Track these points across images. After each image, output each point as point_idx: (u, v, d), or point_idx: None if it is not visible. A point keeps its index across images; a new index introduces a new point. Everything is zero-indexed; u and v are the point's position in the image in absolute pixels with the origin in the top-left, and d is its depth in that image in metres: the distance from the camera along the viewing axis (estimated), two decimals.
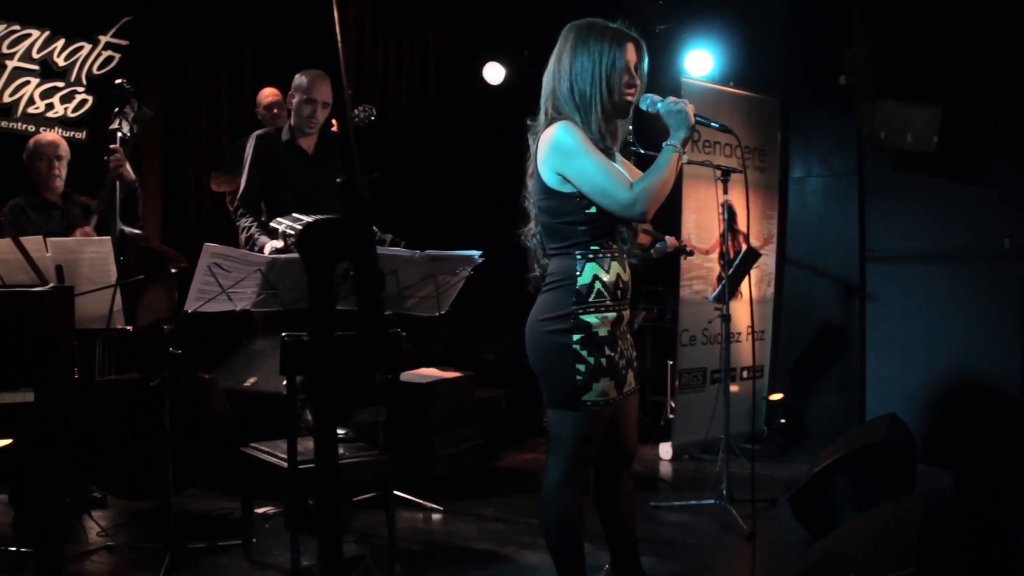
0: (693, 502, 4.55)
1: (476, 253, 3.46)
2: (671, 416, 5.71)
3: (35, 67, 5.08)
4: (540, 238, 2.85)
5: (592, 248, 2.68)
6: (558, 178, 2.65)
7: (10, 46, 5.00)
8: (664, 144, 2.70)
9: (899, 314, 5.61)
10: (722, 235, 5.65)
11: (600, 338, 2.66)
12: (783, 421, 5.93)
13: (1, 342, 2.70)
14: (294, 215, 3.96)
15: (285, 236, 3.90)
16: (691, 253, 5.33)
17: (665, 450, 5.56)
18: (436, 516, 4.41)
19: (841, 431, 5.09)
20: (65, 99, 5.19)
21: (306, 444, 3.70)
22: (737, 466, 4.98)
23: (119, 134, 4.13)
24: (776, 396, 6.02)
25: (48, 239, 3.70)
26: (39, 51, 5.10)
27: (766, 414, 6.03)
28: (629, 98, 2.72)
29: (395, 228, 6.62)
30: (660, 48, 6.04)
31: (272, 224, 3.99)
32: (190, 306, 3.17)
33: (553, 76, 2.72)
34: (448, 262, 3.42)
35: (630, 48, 2.69)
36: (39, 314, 2.80)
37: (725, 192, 4.50)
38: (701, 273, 5.67)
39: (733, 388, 5.85)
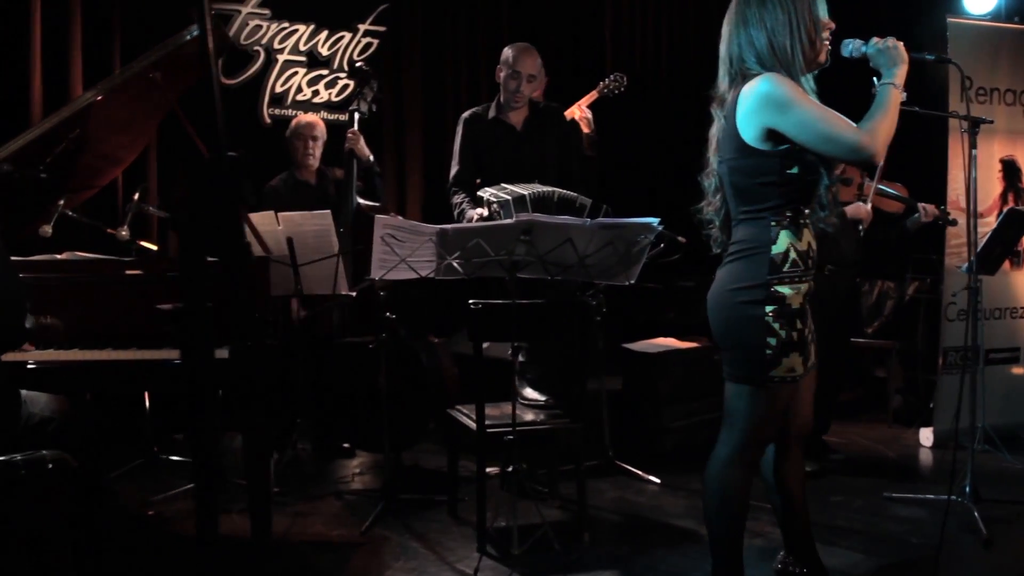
0: (931, 496, 4.07)
1: (655, 221, 3.34)
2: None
3: (302, 58, 5.64)
4: (724, 208, 2.75)
5: (787, 214, 2.54)
6: (761, 134, 2.49)
7: (280, 41, 5.59)
8: (881, 83, 2.52)
9: None
10: (1001, 195, 5.02)
11: (793, 310, 2.53)
12: None
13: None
14: (502, 184, 4.09)
15: (489, 204, 4.04)
16: (954, 222, 4.71)
17: (926, 436, 5.02)
18: (651, 488, 4.34)
19: None
20: (329, 85, 5.71)
21: (504, 410, 3.83)
22: (997, 460, 4.40)
23: (356, 115, 4.47)
24: None
25: (279, 213, 4.12)
26: (305, 43, 5.65)
27: None
28: (826, 44, 2.56)
29: (660, 196, 6.60)
30: None
31: (479, 193, 4.14)
32: (375, 274, 3.37)
33: (741, 38, 2.55)
34: (625, 229, 3.33)
35: None
36: (242, 281, 3.14)
37: (973, 147, 3.93)
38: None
39: (1017, 370, 5.18)
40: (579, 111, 5.20)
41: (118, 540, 3.54)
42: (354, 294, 4.20)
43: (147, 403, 4.59)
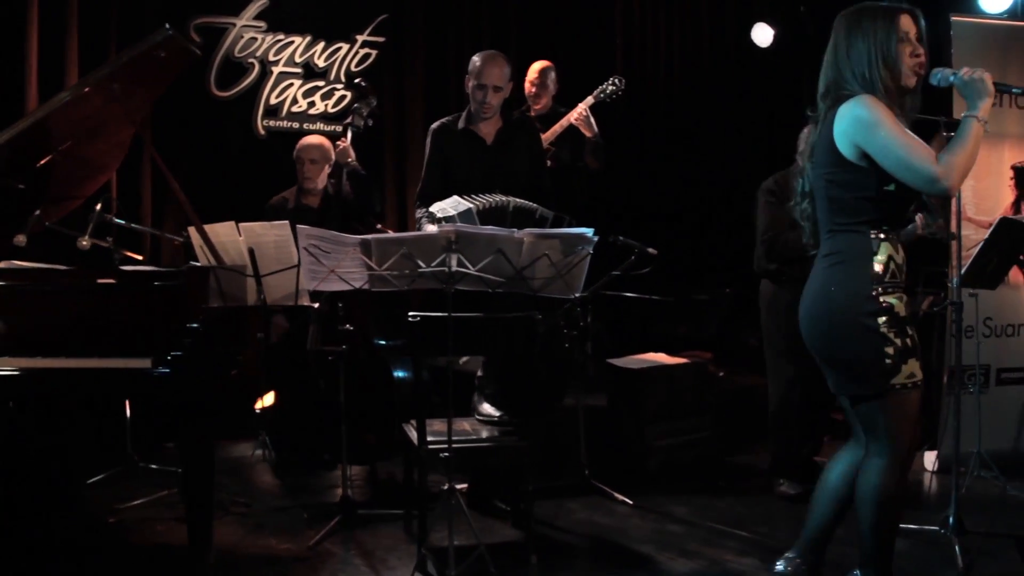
0: (914, 526, 3.79)
1: (589, 231, 3.21)
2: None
3: (298, 70, 5.66)
4: (812, 212, 2.87)
5: (884, 227, 2.67)
6: (857, 151, 2.64)
7: (276, 53, 5.62)
8: (964, 115, 2.65)
9: None
10: (1014, 203, 4.72)
11: (902, 318, 2.66)
12: None
13: (122, 317, 3.07)
14: (455, 197, 3.98)
15: (438, 220, 3.92)
16: (953, 237, 4.41)
17: (930, 460, 4.72)
18: (622, 510, 4.18)
19: None
20: (325, 96, 5.71)
21: (461, 425, 3.74)
22: (996, 488, 4.11)
23: (351, 130, 4.41)
24: None
25: (240, 224, 4.11)
26: (301, 55, 5.67)
27: None
28: (914, 72, 2.68)
29: (656, 198, 6.42)
30: None
31: (431, 208, 4.03)
32: (307, 285, 3.33)
33: (831, 67, 2.74)
34: (558, 240, 3.21)
35: (904, 20, 2.68)
36: (163, 294, 3.13)
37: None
38: None
39: None
40: (577, 116, 5.06)
41: (71, 545, 3.59)
42: (316, 305, 4.16)
43: (127, 411, 4.63)
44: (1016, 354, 4.76)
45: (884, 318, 2.63)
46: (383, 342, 4.57)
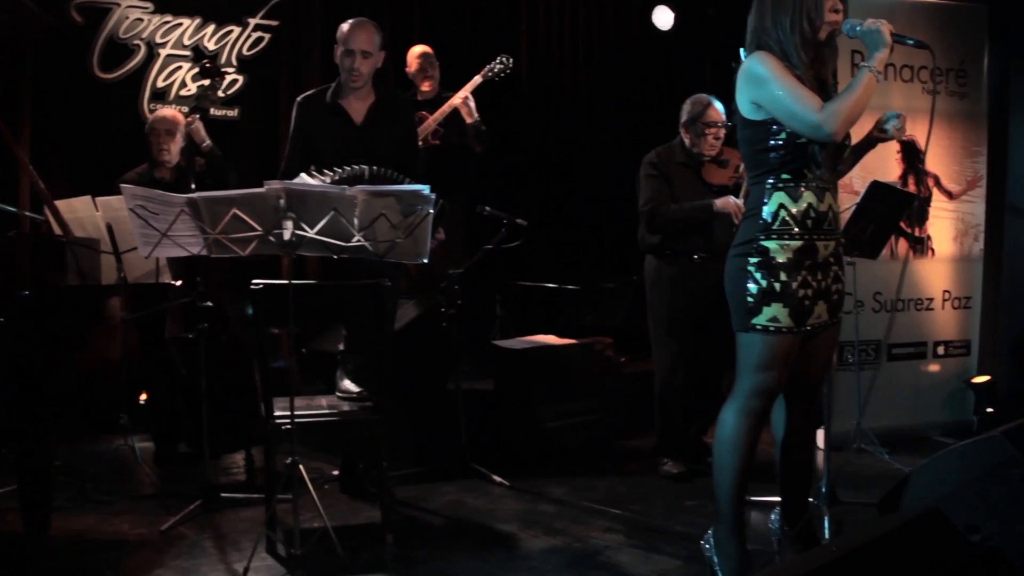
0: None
1: (425, 188, 3.10)
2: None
3: (187, 53, 5.51)
4: None
5: (783, 176, 2.72)
6: (752, 107, 2.73)
7: (163, 36, 5.48)
8: (859, 65, 2.69)
9: None
10: (901, 177, 4.68)
11: (777, 263, 2.70)
12: (990, 411, 4.67)
13: None
14: (322, 169, 3.82)
15: None
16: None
17: (820, 438, 4.63)
18: (497, 491, 4.07)
19: None
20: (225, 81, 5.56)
21: (320, 402, 3.62)
22: (879, 462, 4.08)
23: (199, 112, 4.26)
24: (981, 379, 4.76)
25: (97, 199, 3.97)
26: (190, 38, 5.53)
27: (975, 402, 4.80)
28: (831, 26, 2.71)
29: (562, 186, 6.35)
30: None
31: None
32: (143, 252, 3.19)
33: (756, 15, 2.78)
34: (394, 198, 3.09)
35: None
36: None
37: None
38: None
39: (932, 368, 4.80)
40: (459, 100, 5.00)
41: None
42: (178, 283, 4.02)
43: None
44: (906, 329, 4.71)
45: (756, 259, 2.71)
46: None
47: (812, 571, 1.73)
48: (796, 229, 2.71)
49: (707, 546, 2.91)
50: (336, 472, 4.12)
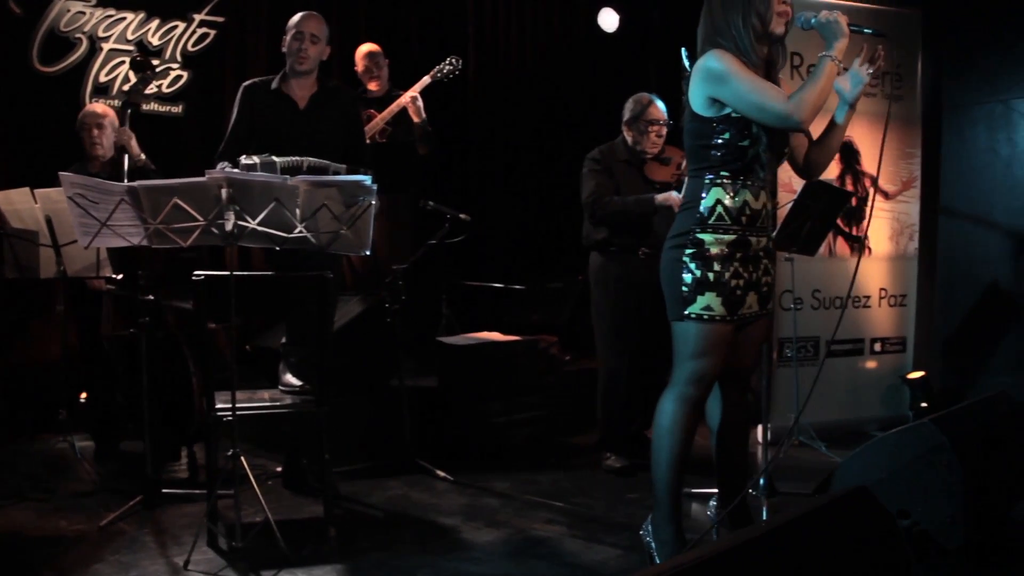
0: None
1: (367, 179, 3.11)
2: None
3: (130, 48, 5.44)
4: None
5: (722, 173, 2.78)
6: (705, 102, 2.77)
7: (106, 30, 5.39)
8: (820, 55, 2.74)
9: None
10: (839, 177, 4.79)
11: (711, 254, 2.77)
12: (924, 405, 4.80)
13: None
14: (263, 155, 3.79)
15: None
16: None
17: (759, 433, 4.73)
18: (442, 486, 4.08)
19: None
20: (160, 75, 5.50)
21: (262, 395, 3.60)
22: (817, 455, 4.22)
23: (129, 110, 4.20)
24: (915, 375, 4.89)
25: (35, 190, 3.91)
26: (134, 32, 5.46)
27: (910, 397, 4.92)
28: (782, 19, 2.76)
29: (510, 186, 6.37)
30: None
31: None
32: (82, 242, 3.15)
33: (705, 21, 2.84)
34: (336, 189, 3.10)
35: None
36: None
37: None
38: None
39: (869, 364, 4.91)
40: (408, 99, 5.02)
41: None
42: (119, 277, 3.97)
43: None
44: (844, 326, 4.81)
45: (691, 251, 2.78)
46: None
47: (741, 545, 1.77)
48: (731, 224, 2.78)
49: (646, 533, 2.97)
50: (280, 469, 4.11)
